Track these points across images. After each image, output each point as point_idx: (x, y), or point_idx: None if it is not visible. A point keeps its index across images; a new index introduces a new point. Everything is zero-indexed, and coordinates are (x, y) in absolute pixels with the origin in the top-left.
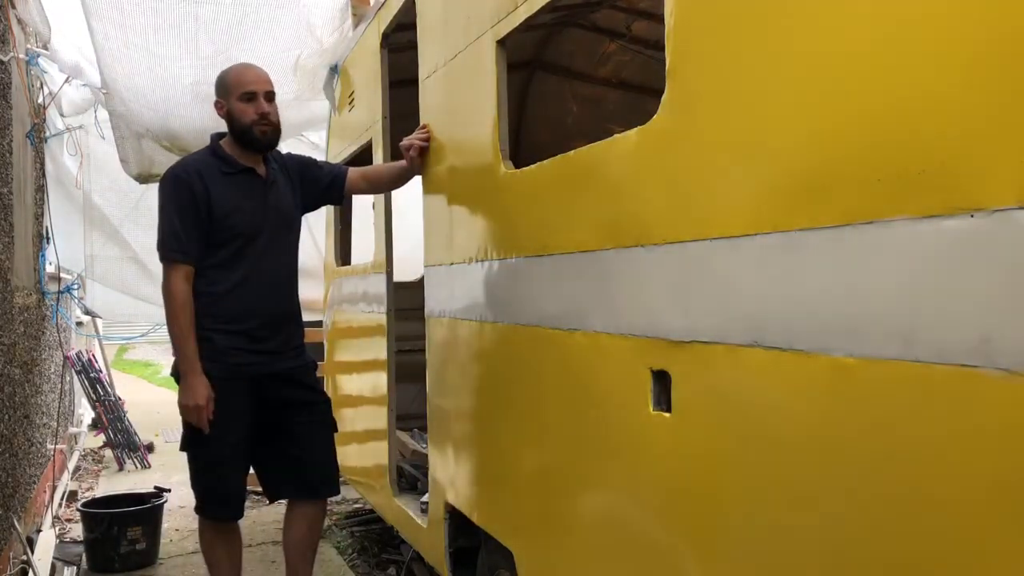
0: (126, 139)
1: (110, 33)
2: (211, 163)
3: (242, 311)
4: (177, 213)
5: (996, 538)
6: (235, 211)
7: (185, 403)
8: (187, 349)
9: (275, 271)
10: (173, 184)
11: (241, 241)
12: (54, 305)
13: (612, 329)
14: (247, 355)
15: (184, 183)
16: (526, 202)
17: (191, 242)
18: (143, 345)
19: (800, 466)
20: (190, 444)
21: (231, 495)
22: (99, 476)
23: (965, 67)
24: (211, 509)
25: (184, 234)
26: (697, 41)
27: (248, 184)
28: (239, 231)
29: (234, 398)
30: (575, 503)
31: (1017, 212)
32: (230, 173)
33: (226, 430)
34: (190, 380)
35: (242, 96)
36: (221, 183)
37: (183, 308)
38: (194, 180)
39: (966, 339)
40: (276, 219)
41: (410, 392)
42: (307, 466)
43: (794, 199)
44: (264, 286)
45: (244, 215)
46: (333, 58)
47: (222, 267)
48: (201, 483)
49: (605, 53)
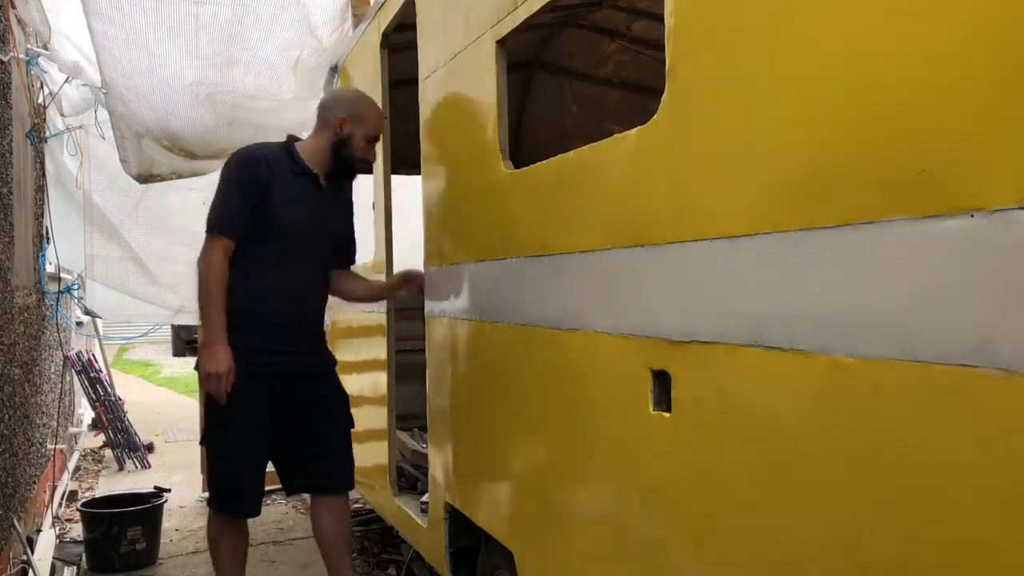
0: (126, 139)
1: (110, 33)
2: (282, 158)
3: (271, 311)
4: (236, 189)
5: (997, 538)
6: (290, 209)
7: (207, 370)
8: (214, 317)
9: (311, 279)
10: (240, 162)
11: (286, 241)
12: (54, 305)
13: (612, 329)
14: (268, 355)
15: (251, 164)
16: (526, 202)
17: (239, 220)
18: (143, 345)
19: (800, 466)
20: (209, 437)
21: (245, 491)
22: (99, 476)
23: (965, 67)
24: (225, 504)
25: (235, 211)
26: (697, 41)
27: (309, 189)
28: (288, 229)
29: (254, 394)
30: (575, 503)
31: (1017, 212)
32: (298, 173)
33: (245, 425)
34: (213, 348)
35: (368, 136)
36: (286, 179)
37: (217, 279)
38: (261, 165)
39: (966, 339)
40: (324, 229)
41: (410, 392)
42: (323, 461)
43: (794, 199)
44: (297, 291)
45: (298, 216)
46: (333, 58)
47: (262, 263)
48: (217, 477)
49: (605, 53)
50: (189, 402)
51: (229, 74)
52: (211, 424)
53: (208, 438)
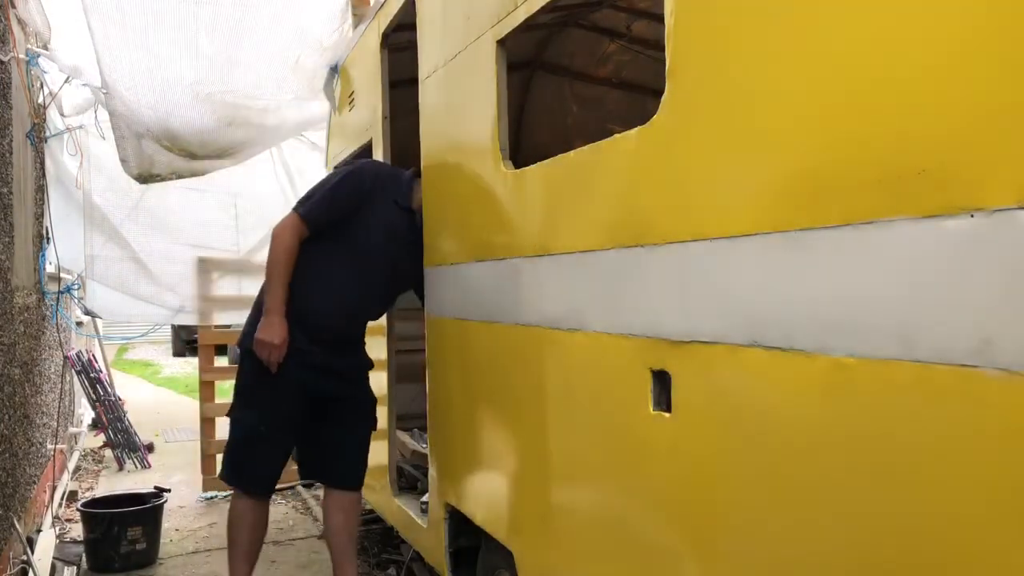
0: (126, 139)
1: (110, 33)
2: (392, 186)
3: (323, 314)
4: (340, 191)
5: (997, 538)
6: (372, 232)
7: (262, 338)
8: (277, 291)
9: (368, 295)
10: (359, 175)
11: (355, 256)
12: (54, 305)
13: (612, 329)
14: (308, 345)
15: (363, 179)
16: (526, 202)
17: (323, 217)
18: (143, 345)
19: (800, 466)
20: (234, 408)
21: (256, 468)
22: (99, 476)
23: (965, 67)
24: (228, 474)
25: (325, 208)
26: (697, 41)
27: (404, 225)
28: (361, 249)
29: (284, 382)
30: (575, 503)
31: (1017, 212)
32: (400, 207)
33: (267, 407)
34: (272, 318)
35: None
36: (387, 206)
37: (287, 257)
38: (375, 186)
39: (966, 339)
40: (396, 264)
41: (410, 392)
42: (342, 457)
43: (794, 199)
44: (353, 302)
45: (374, 242)
46: (333, 58)
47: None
48: (231, 448)
49: (605, 53)
50: (189, 402)
51: (229, 74)
52: (244, 403)
53: (237, 415)
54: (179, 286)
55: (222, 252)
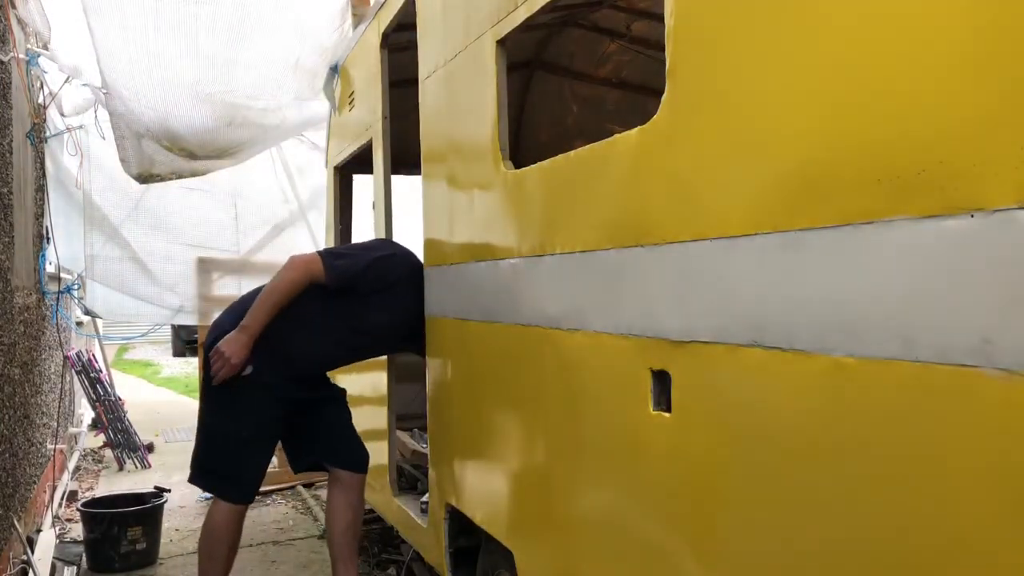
0: (126, 139)
1: (110, 33)
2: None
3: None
4: (369, 274)
5: (996, 538)
6: (382, 314)
7: (223, 350)
8: (262, 316)
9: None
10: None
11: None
12: (54, 305)
13: (612, 329)
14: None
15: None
16: (526, 202)
17: (344, 279)
18: (143, 345)
19: (800, 466)
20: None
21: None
22: (99, 476)
23: (965, 67)
24: (212, 483)
25: (349, 273)
26: (697, 41)
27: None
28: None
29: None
30: (575, 503)
31: (1017, 212)
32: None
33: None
34: (243, 338)
35: None
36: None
37: (292, 288)
38: (401, 278)
39: (966, 339)
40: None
41: (410, 392)
42: (340, 438)
43: (794, 199)
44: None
45: (380, 321)
46: (333, 58)
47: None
48: (210, 456)
49: (605, 53)
50: (189, 402)
51: (229, 74)
52: (218, 407)
53: (210, 423)
54: (179, 286)
55: (222, 252)
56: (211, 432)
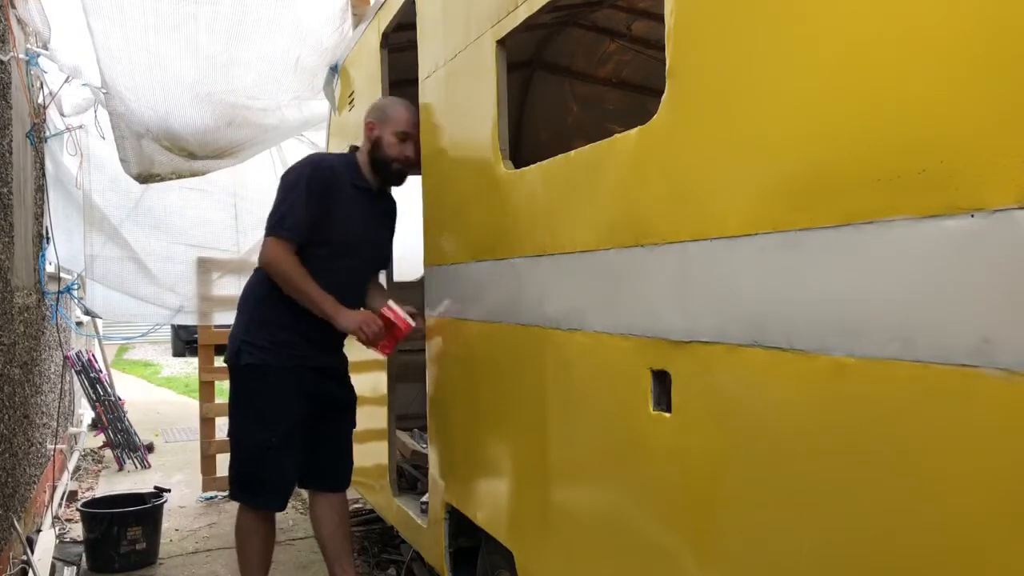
0: (126, 139)
1: (110, 33)
2: (346, 171)
3: (305, 313)
4: (304, 196)
5: (996, 538)
6: (346, 223)
7: (351, 328)
8: (321, 299)
9: (351, 286)
10: (311, 169)
11: (335, 250)
12: (54, 305)
13: (612, 329)
14: (304, 347)
15: (321, 174)
16: (526, 202)
17: (303, 226)
18: (143, 345)
19: (800, 466)
20: (236, 428)
21: (268, 483)
22: (99, 476)
23: (965, 67)
24: (246, 495)
25: (301, 216)
26: (697, 41)
27: (366, 204)
28: (339, 241)
29: (286, 387)
30: (575, 503)
31: (1017, 212)
32: (359, 187)
33: (275, 417)
34: (340, 316)
35: (398, 133)
36: (348, 192)
37: (294, 269)
38: (329, 177)
39: (966, 339)
40: (371, 245)
41: (410, 392)
42: (332, 459)
43: (794, 199)
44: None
45: (352, 230)
46: (333, 58)
47: (308, 268)
48: (241, 467)
49: (605, 53)
50: (189, 402)
51: (229, 74)
52: (240, 415)
53: (235, 428)
54: (179, 286)
55: (222, 252)
56: (241, 445)
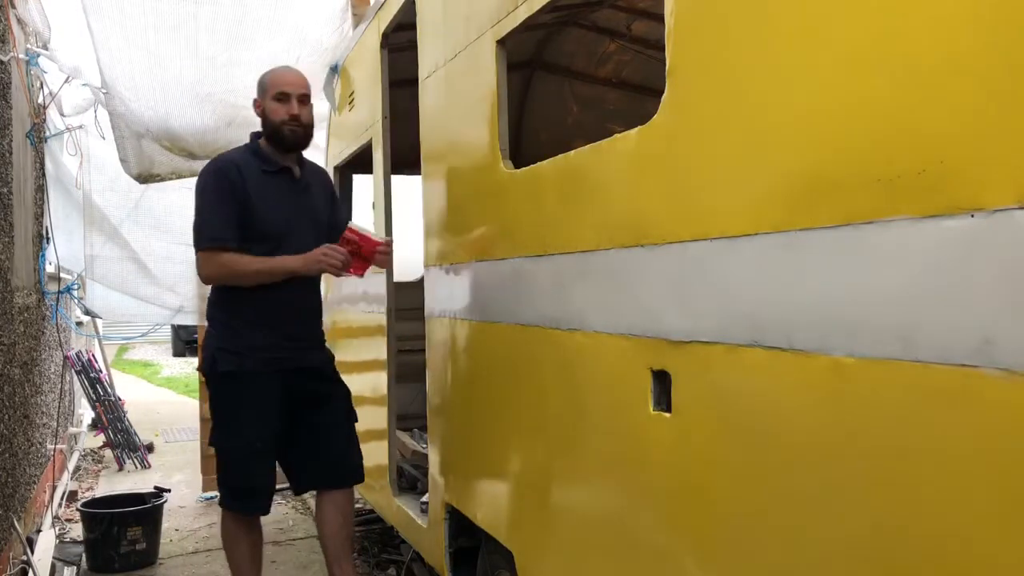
0: (126, 139)
1: (110, 33)
2: (250, 160)
3: (273, 307)
4: (217, 202)
5: (996, 538)
6: (271, 210)
7: (313, 266)
8: (276, 265)
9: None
10: (213, 175)
11: (274, 241)
12: (54, 305)
13: (612, 329)
14: (278, 349)
15: (223, 174)
16: (526, 202)
17: (228, 227)
18: (143, 345)
19: (800, 466)
20: (220, 437)
21: (258, 489)
22: (99, 476)
23: (965, 67)
24: (238, 503)
25: (224, 218)
26: (697, 41)
27: (285, 184)
28: (273, 230)
29: (266, 392)
30: (575, 503)
31: (1017, 212)
32: (268, 172)
33: (257, 423)
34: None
35: (276, 96)
36: (259, 181)
37: (241, 265)
38: (233, 173)
39: (967, 339)
40: (307, 220)
41: (410, 392)
42: (329, 457)
43: (794, 199)
44: (294, 284)
45: (279, 214)
46: (333, 58)
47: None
48: (230, 476)
49: (605, 53)
50: (189, 402)
51: (229, 74)
52: (222, 423)
53: (218, 437)
54: (179, 286)
55: None
56: (226, 453)
